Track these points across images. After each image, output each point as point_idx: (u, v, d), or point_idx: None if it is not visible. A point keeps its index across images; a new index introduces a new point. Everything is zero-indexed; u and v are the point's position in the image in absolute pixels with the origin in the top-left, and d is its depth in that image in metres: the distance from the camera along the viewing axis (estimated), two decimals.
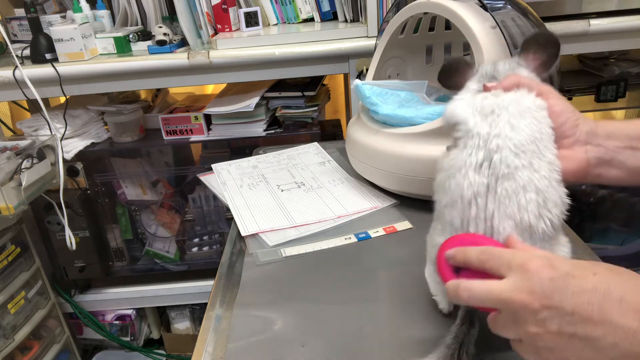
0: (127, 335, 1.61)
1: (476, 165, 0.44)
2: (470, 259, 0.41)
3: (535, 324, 0.35)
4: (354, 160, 0.82)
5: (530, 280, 0.35)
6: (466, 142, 0.45)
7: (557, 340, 0.35)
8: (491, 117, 0.45)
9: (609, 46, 1.17)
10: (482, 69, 0.52)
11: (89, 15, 1.25)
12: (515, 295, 0.36)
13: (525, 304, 0.35)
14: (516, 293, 0.36)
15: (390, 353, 0.49)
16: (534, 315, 0.35)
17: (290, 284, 0.61)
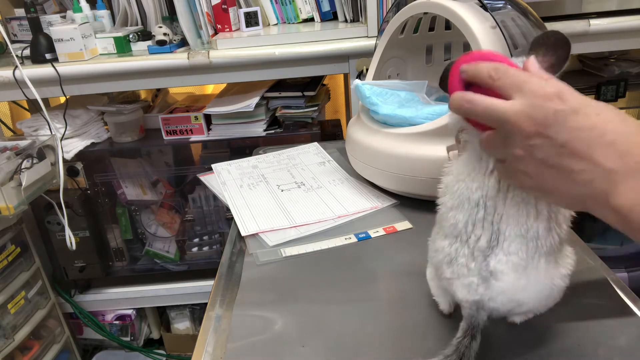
0: (127, 335, 1.61)
1: (487, 170, 0.43)
2: (481, 74, 0.40)
3: (523, 148, 0.37)
4: (354, 160, 0.82)
5: (535, 107, 0.36)
6: (475, 146, 0.44)
7: (538, 167, 0.37)
8: None
9: (609, 46, 1.17)
10: None
11: (89, 15, 1.25)
12: (515, 117, 0.36)
13: (521, 127, 0.36)
14: (517, 115, 0.36)
15: (390, 353, 0.49)
16: (526, 140, 0.36)
17: (290, 284, 0.61)
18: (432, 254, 0.49)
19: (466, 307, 0.45)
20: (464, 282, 0.44)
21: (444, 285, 0.48)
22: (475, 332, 0.44)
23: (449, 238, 0.45)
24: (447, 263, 0.46)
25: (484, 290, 0.43)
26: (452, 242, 0.45)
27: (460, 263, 0.44)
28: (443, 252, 0.46)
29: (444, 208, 0.47)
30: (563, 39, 0.47)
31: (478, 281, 0.43)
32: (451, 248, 0.45)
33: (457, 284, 0.45)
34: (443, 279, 0.47)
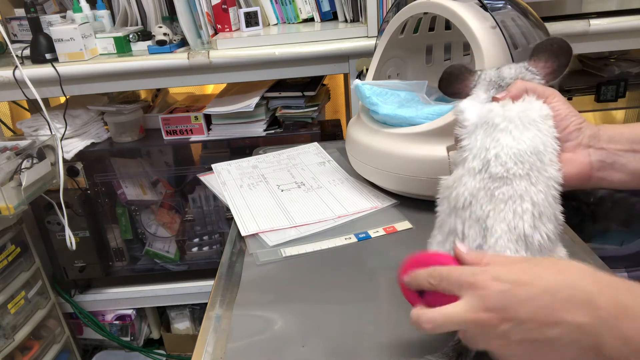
0: (127, 335, 1.61)
1: (474, 172, 0.45)
2: (422, 283, 0.41)
3: (498, 337, 0.37)
4: (354, 160, 0.82)
5: (482, 297, 0.37)
6: (466, 159, 0.46)
7: (522, 347, 0.36)
8: (495, 132, 0.45)
9: (609, 46, 1.17)
10: (486, 75, 0.52)
11: (89, 15, 1.25)
12: (472, 315, 0.37)
13: (484, 322, 0.36)
14: (472, 313, 0.37)
15: (390, 353, 0.49)
16: (495, 329, 0.36)
17: (290, 284, 0.61)
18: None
19: None
20: None
21: None
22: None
23: (448, 244, 0.47)
24: None
25: None
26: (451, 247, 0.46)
27: None
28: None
29: (442, 215, 0.48)
30: (565, 46, 0.48)
31: None
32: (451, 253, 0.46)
33: None
34: None
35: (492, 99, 0.49)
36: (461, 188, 0.45)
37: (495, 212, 0.43)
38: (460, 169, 0.46)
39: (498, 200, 0.43)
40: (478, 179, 0.44)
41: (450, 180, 0.47)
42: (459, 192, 0.45)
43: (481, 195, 0.44)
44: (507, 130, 0.45)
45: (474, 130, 0.47)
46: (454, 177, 0.47)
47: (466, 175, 0.45)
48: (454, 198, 0.46)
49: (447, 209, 0.47)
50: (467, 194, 0.45)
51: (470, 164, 0.45)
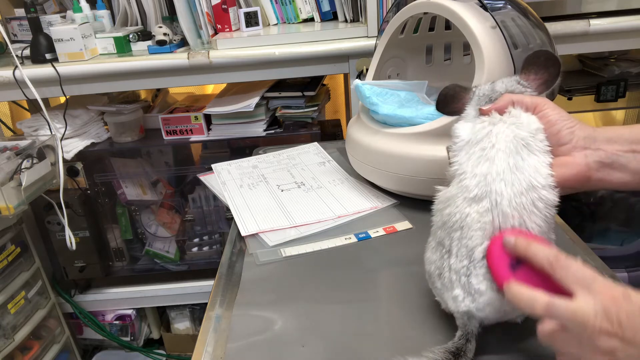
0: (127, 335, 1.61)
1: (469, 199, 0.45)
2: (539, 259, 0.40)
3: (604, 353, 0.36)
4: (354, 160, 0.82)
5: (611, 309, 0.36)
6: (460, 177, 0.47)
7: None
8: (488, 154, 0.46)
9: (609, 46, 1.17)
10: (479, 90, 0.53)
11: (89, 15, 1.25)
12: (597, 321, 0.36)
13: (605, 331, 0.36)
14: (598, 319, 0.36)
15: (390, 353, 0.49)
16: (607, 342, 0.35)
17: (290, 284, 0.61)
18: (427, 265, 0.51)
19: (457, 317, 0.47)
20: (451, 295, 0.46)
21: (436, 293, 0.50)
22: (470, 337, 0.46)
23: (438, 252, 0.48)
24: (437, 275, 0.48)
25: (470, 303, 0.45)
26: (440, 256, 0.48)
27: (447, 277, 0.46)
28: (434, 264, 0.48)
29: (435, 226, 0.49)
30: (552, 58, 0.49)
31: (464, 295, 0.45)
32: (440, 262, 0.47)
33: (446, 296, 0.47)
34: (434, 288, 0.49)
35: (479, 110, 0.50)
36: (454, 209, 0.46)
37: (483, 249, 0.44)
38: (455, 187, 0.47)
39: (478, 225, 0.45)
40: (474, 209, 0.45)
41: (444, 196, 0.48)
42: (451, 212, 0.46)
43: (474, 226, 0.45)
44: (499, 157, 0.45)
45: (465, 146, 0.48)
46: (448, 195, 0.48)
47: (460, 198, 0.46)
48: (447, 215, 0.47)
49: (439, 222, 0.48)
50: (459, 218, 0.45)
51: (465, 183, 0.46)
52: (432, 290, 0.51)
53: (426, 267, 0.51)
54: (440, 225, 0.48)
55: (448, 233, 0.46)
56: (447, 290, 0.47)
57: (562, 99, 1.38)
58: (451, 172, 0.49)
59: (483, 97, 0.51)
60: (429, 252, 0.50)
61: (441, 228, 0.48)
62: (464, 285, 0.45)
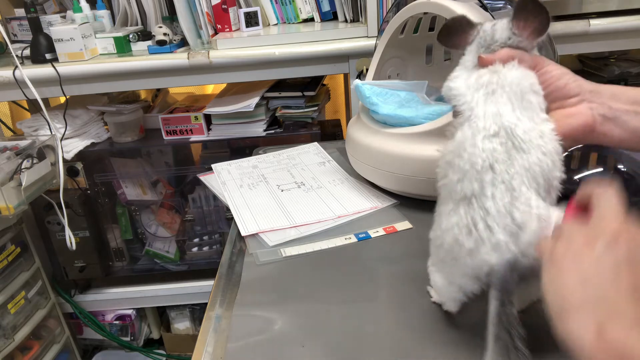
0: (127, 335, 1.61)
1: (489, 134, 0.44)
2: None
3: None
4: (354, 160, 0.82)
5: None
6: (470, 119, 0.45)
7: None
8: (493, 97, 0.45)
9: (609, 46, 1.17)
10: (483, 33, 0.51)
11: (89, 15, 1.25)
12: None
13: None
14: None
15: (390, 353, 0.49)
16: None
17: (290, 284, 0.61)
18: (440, 240, 0.48)
19: (497, 272, 0.43)
20: (492, 243, 0.43)
21: (463, 265, 0.45)
22: (511, 297, 0.43)
23: (462, 208, 0.44)
24: (467, 234, 0.44)
25: (514, 247, 0.42)
26: (466, 211, 0.44)
27: (482, 227, 0.43)
28: (458, 226, 0.45)
29: (451, 184, 0.46)
30: (539, 5, 0.49)
31: (506, 238, 0.42)
32: (467, 217, 0.44)
33: (485, 250, 0.43)
34: (462, 256, 0.45)
35: (478, 59, 0.50)
36: (475, 150, 0.44)
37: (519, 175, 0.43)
38: (466, 129, 0.45)
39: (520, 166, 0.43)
40: (496, 142, 0.44)
41: (455, 144, 0.46)
42: (473, 153, 0.44)
43: (503, 158, 0.43)
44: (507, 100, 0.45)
45: (470, 92, 0.47)
46: (459, 140, 0.46)
47: (478, 136, 0.44)
48: (467, 160, 0.44)
49: (455, 175, 0.45)
50: (486, 156, 0.43)
51: (480, 123, 0.45)
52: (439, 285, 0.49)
53: (443, 245, 0.47)
54: (459, 178, 0.45)
55: (476, 179, 0.44)
56: (485, 242, 0.43)
57: None
58: (456, 120, 0.47)
59: (483, 44, 0.51)
60: (444, 221, 0.46)
61: (461, 181, 0.45)
62: (506, 227, 0.42)
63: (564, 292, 0.35)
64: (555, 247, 0.37)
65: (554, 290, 0.36)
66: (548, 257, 0.38)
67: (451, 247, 0.46)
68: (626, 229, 0.35)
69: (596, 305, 0.33)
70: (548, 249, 0.38)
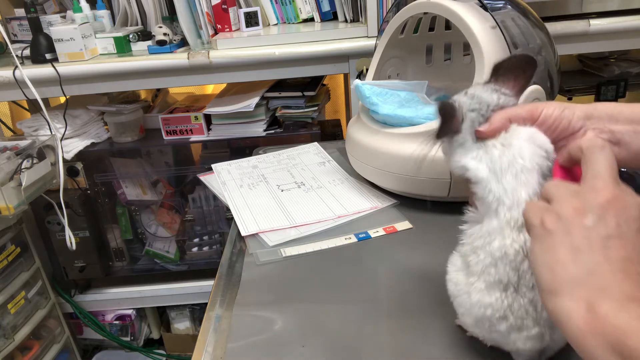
0: (127, 335, 1.61)
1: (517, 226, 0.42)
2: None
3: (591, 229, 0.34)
4: (354, 160, 0.82)
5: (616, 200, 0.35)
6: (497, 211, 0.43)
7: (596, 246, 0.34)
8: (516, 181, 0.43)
9: (609, 46, 1.17)
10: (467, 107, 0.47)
11: (89, 15, 1.25)
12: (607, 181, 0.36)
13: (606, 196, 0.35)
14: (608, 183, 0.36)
15: (390, 353, 0.49)
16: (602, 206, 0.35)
17: (290, 284, 0.61)
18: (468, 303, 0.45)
19: (525, 354, 0.44)
20: (530, 334, 0.42)
21: (494, 337, 0.45)
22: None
23: (497, 292, 0.42)
24: (501, 318, 0.42)
25: (549, 338, 0.42)
26: (503, 296, 0.42)
27: (519, 315, 0.42)
28: (492, 307, 0.43)
29: (482, 264, 0.44)
30: (531, 60, 0.48)
31: (545, 330, 0.41)
32: (504, 303, 0.42)
33: (519, 337, 0.42)
34: (495, 332, 0.44)
35: (475, 132, 0.46)
36: (508, 241, 0.42)
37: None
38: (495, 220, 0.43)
39: None
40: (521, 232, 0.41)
41: (483, 232, 0.44)
42: (505, 244, 0.42)
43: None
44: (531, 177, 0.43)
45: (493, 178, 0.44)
46: (487, 229, 0.44)
47: (507, 229, 0.42)
48: (498, 249, 0.42)
49: (488, 259, 0.43)
50: (519, 246, 0.41)
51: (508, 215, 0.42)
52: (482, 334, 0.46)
53: (475, 312, 0.44)
54: (492, 262, 0.43)
55: (512, 267, 0.42)
56: (521, 330, 0.42)
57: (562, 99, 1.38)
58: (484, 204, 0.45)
59: (476, 118, 0.47)
60: (477, 295, 0.44)
61: (495, 265, 0.42)
62: (547, 319, 0.41)
63: (554, 267, 0.34)
64: (545, 217, 0.36)
65: (543, 264, 0.35)
66: (538, 228, 0.36)
67: (480, 319, 0.44)
68: (618, 199, 0.35)
69: (586, 281, 0.33)
70: (537, 218, 0.37)
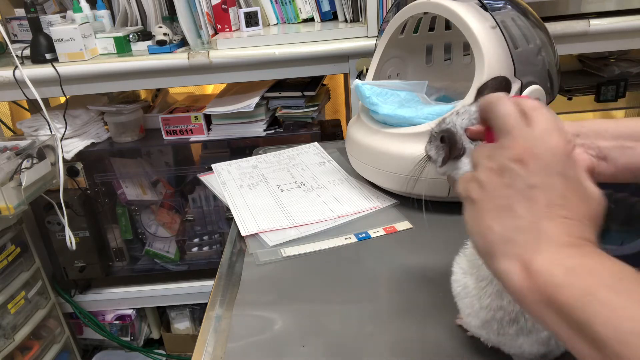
0: (127, 335, 1.61)
1: None
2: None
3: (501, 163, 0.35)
4: (354, 160, 0.82)
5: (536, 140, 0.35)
6: None
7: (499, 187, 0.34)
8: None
9: (609, 46, 1.17)
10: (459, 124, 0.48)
11: (89, 15, 1.25)
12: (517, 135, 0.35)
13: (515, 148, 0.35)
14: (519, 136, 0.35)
15: (390, 353, 0.49)
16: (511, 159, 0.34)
17: (290, 284, 0.61)
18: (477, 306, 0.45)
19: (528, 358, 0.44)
20: (540, 338, 0.42)
21: (500, 340, 0.45)
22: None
23: (507, 297, 0.43)
24: (511, 320, 0.43)
25: (555, 342, 0.42)
26: (512, 299, 0.42)
27: (530, 318, 0.42)
28: (503, 310, 0.43)
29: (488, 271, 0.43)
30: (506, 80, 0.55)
31: (552, 334, 0.41)
32: (515, 306, 0.43)
33: (527, 340, 0.43)
34: (503, 335, 0.44)
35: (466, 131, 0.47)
36: None
37: None
38: None
39: None
40: None
41: None
42: None
43: None
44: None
45: None
46: None
47: None
48: None
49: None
50: None
51: None
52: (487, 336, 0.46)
53: (483, 315, 0.44)
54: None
55: None
56: (530, 333, 0.42)
57: (562, 99, 1.38)
58: None
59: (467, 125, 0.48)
60: (487, 299, 0.44)
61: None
62: None
63: (484, 230, 0.34)
64: (470, 187, 0.36)
65: (475, 231, 0.35)
66: (466, 200, 0.36)
67: (489, 323, 0.45)
68: (527, 150, 0.34)
69: (516, 238, 0.32)
70: (464, 190, 0.36)
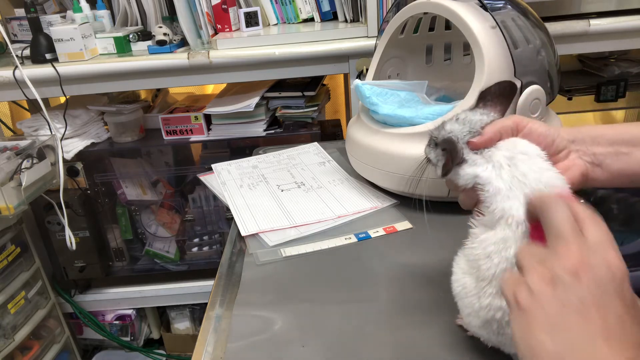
0: (127, 335, 1.61)
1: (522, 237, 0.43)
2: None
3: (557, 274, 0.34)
4: (354, 160, 0.82)
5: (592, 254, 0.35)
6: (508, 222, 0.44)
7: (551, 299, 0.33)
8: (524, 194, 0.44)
9: (609, 46, 1.17)
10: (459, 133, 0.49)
11: (89, 15, 1.25)
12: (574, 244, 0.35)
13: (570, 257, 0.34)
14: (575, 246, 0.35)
15: (390, 353, 0.49)
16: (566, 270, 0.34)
17: (290, 284, 0.61)
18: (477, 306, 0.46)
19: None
20: None
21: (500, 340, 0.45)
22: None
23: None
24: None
25: None
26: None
27: None
28: (502, 310, 0.44)
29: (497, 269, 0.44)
30: (513, 85, 0.54)
31: None
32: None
33: None
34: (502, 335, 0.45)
35: (468, 143, 0.48)
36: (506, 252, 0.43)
37: None
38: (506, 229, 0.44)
39: None
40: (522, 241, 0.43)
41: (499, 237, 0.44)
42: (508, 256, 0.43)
43: None
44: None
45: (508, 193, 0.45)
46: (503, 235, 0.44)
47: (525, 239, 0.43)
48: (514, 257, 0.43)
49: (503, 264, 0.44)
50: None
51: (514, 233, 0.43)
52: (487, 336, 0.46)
53: (484, 315, 0.45)
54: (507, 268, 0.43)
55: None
56: None
57: (562, 99, 1.38)
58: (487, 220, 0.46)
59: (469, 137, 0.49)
60: (487, 299, 0.45)
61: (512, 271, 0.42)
62: None
63: (533, 344, 0.33)
64: (518, 292, 0.35)
65: (524, 342, 0.34)
66: (513, 304, 0.36)
67: (489, 323, 0.45)
68: (584, 262, 0.34)
69: (569, 357, 0.32)
70: (511, 293, 0.36)
